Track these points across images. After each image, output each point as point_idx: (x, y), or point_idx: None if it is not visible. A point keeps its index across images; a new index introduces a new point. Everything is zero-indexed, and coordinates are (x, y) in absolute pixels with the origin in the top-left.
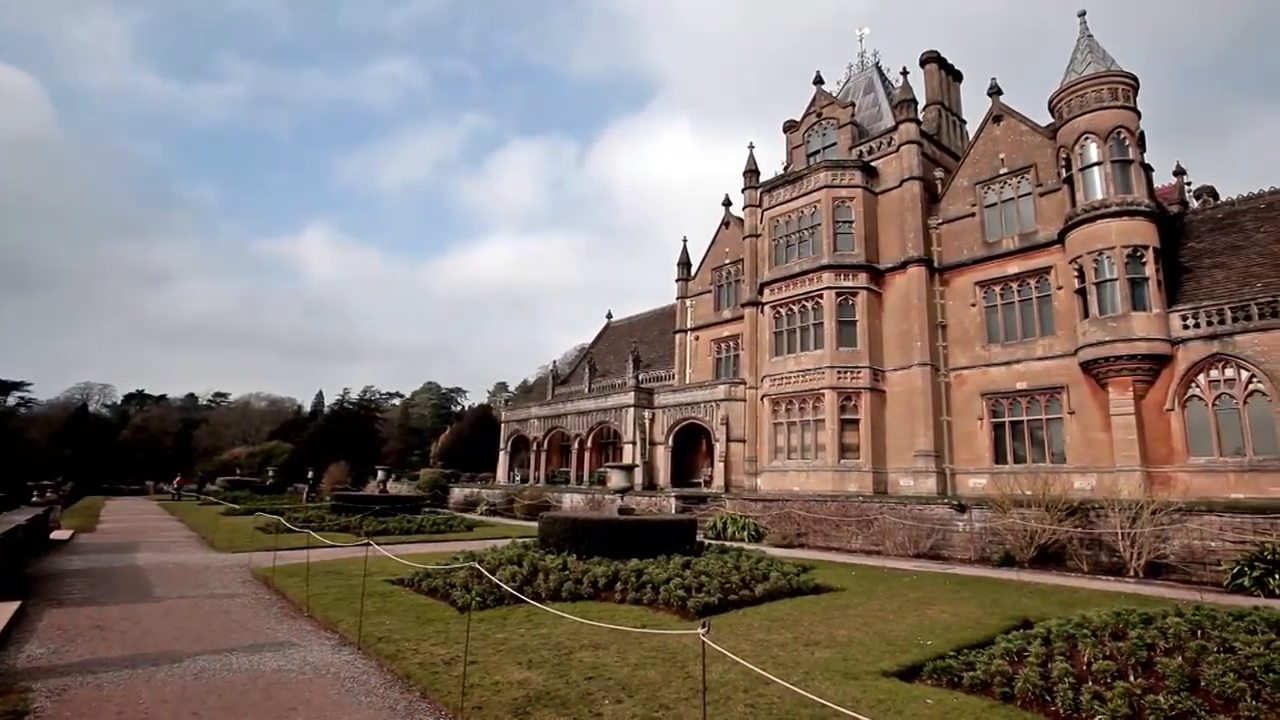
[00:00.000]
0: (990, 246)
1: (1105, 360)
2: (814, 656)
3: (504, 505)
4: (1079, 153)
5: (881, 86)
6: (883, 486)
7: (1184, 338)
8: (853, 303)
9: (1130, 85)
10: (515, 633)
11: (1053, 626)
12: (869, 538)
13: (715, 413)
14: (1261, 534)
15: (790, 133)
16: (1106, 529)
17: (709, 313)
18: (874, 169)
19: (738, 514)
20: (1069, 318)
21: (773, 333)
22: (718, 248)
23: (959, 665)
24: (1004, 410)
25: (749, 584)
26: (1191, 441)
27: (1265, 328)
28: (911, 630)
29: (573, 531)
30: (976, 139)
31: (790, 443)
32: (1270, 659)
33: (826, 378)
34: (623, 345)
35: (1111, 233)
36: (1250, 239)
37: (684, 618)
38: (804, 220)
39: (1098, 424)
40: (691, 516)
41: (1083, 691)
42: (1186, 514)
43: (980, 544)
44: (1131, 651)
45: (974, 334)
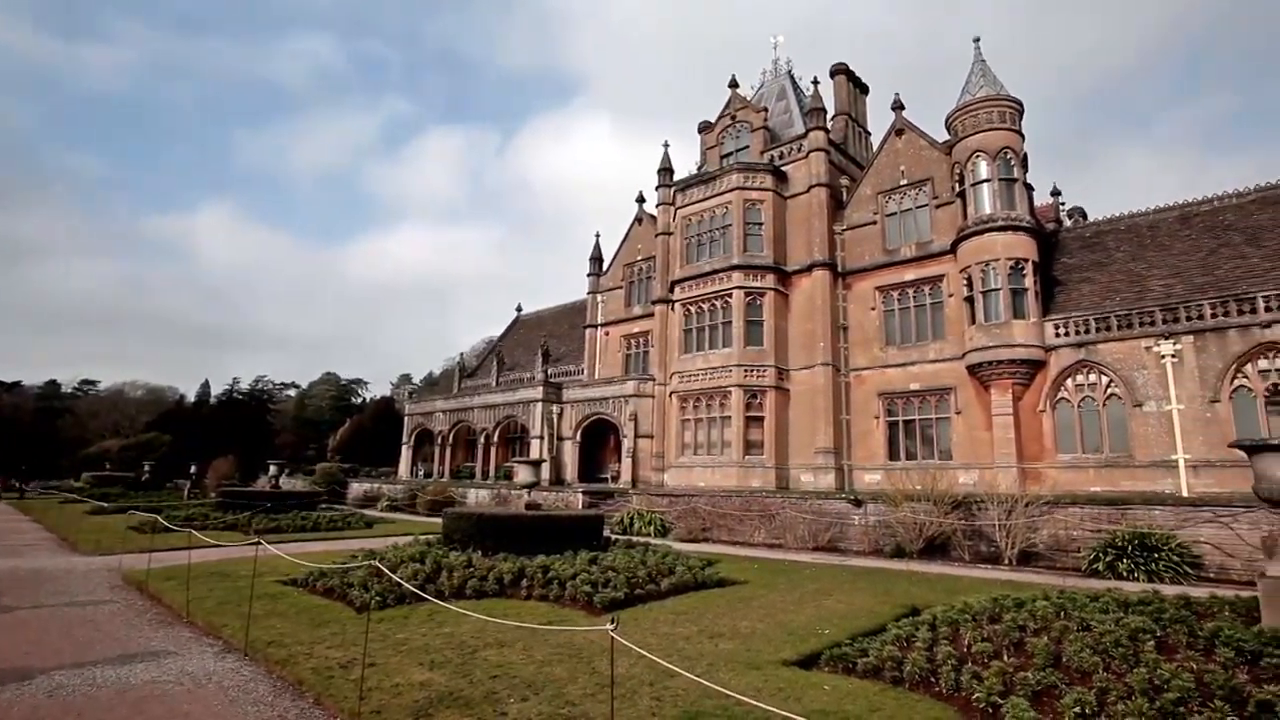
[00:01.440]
0: (890, 253)
1: (989, 364)
2: (718, 648)
3: (406, 501)
4: (971, 169)
5: (794, 94)
6: (785, 482)
7: (1056, 345)
8: (760, 303)
9: (1016, 109)
10: (417, 632)
11: (938, 613)
12: (771, 532)
13: (624, 408)
14: (1114, 523)
15: (705, 133)
16: (986, 521)
17: (620, 309)
18: (784, 173)
19: (645, 509)
20: (958, 323)
21: (682, 330)
22: (630, 244)
23: (854, 652)
24: (898, 409)
25: (655, 579)
26: (1059, 440)
27: (1122, 337)
28: (810, 620)
29: (478, 527)
30: (880, 150)
31: (697, 439)
32: (1119, 635)
33: (734, 376)
34: (532, 339)
35: (997, 246)
36: (1112, 257)
37: (591, 613)
38: (716, 220)
39: (981, 423)
40: (599, 512)
41: (963, 672)
42: (1053, 506)
43: (874, 536)
44: (1006, 633)
45: (873, 336)
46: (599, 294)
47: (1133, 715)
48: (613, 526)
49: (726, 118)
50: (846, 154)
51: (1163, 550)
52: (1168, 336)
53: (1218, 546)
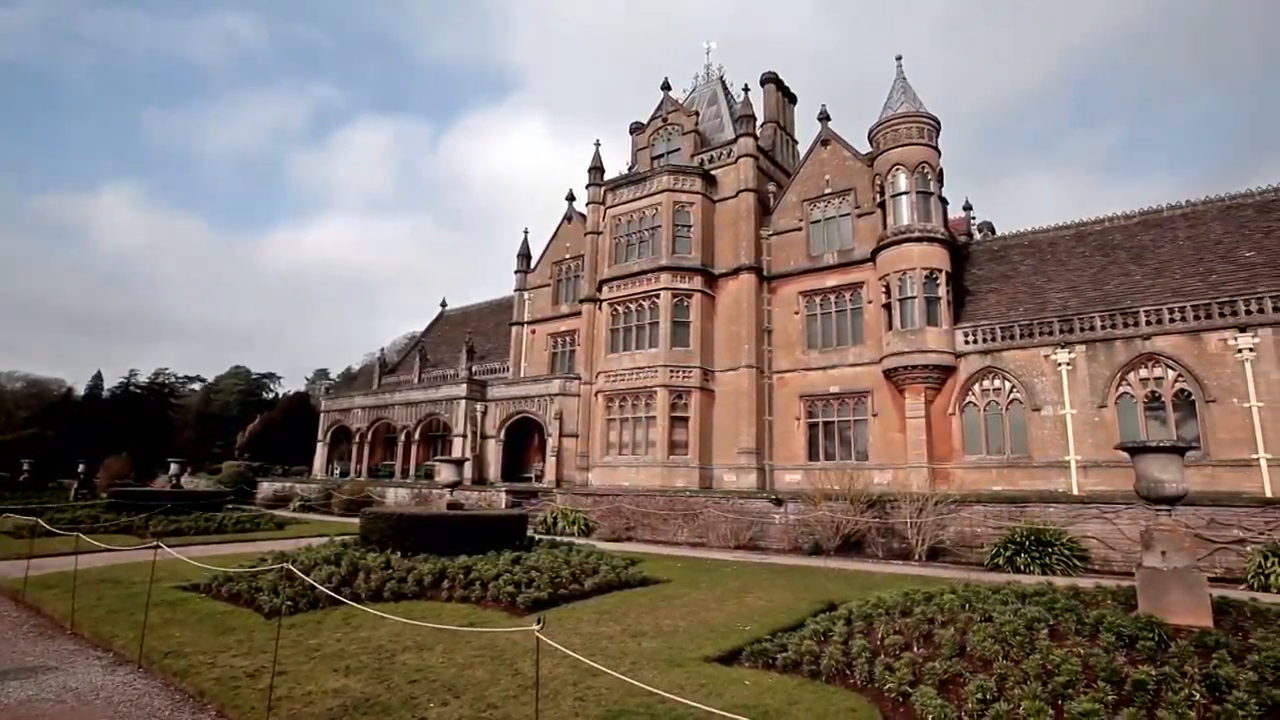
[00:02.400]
0: (814, 259)
1: (904, 369)
2: (641, 646)
3: (321, 501)
4: (891, 181)
5: (724, 100)
6: (708, 482)
7: (965, 351)
8: (688, 304)
9: (933, 126)
10: (331, 637)
11: (853, 608)
12: (694, 531)
13: (549, 407)
14: (1013, 520)
15: (636, 134)
16: (899, 519)
17: (547, 306)
18: (713, 177)
19: (569, 508)
20: (877, 329)
21: (610, 329)
22: (559, 242)
23: (774, 648)
24: (819, 411)
25: (579, 578)
26: (966, 441)
27: (1024, 346)
28: (732, 617)
29: (397, 527)
30: (806, 159)
31: (622, 438)
32: (1017, 625)
33: (660, 376)
34: (457, 335)
35: (914, 256)
36: (1016, 270)
37: (513, 614)
38: (645, 221)
39: (895, 425)
40: (523, 511)
41: (877, 664)
42: (960, 505)
43: (794, 535)
44: (916, 626)
45: (796, 340)
46: (526, 291)
47: (1028, 699)
48: (536, 526)
49: (658, 120)
50: (774, 161)
51: (1056, 545)
52: (1063, 346)
53: (1103, 540)
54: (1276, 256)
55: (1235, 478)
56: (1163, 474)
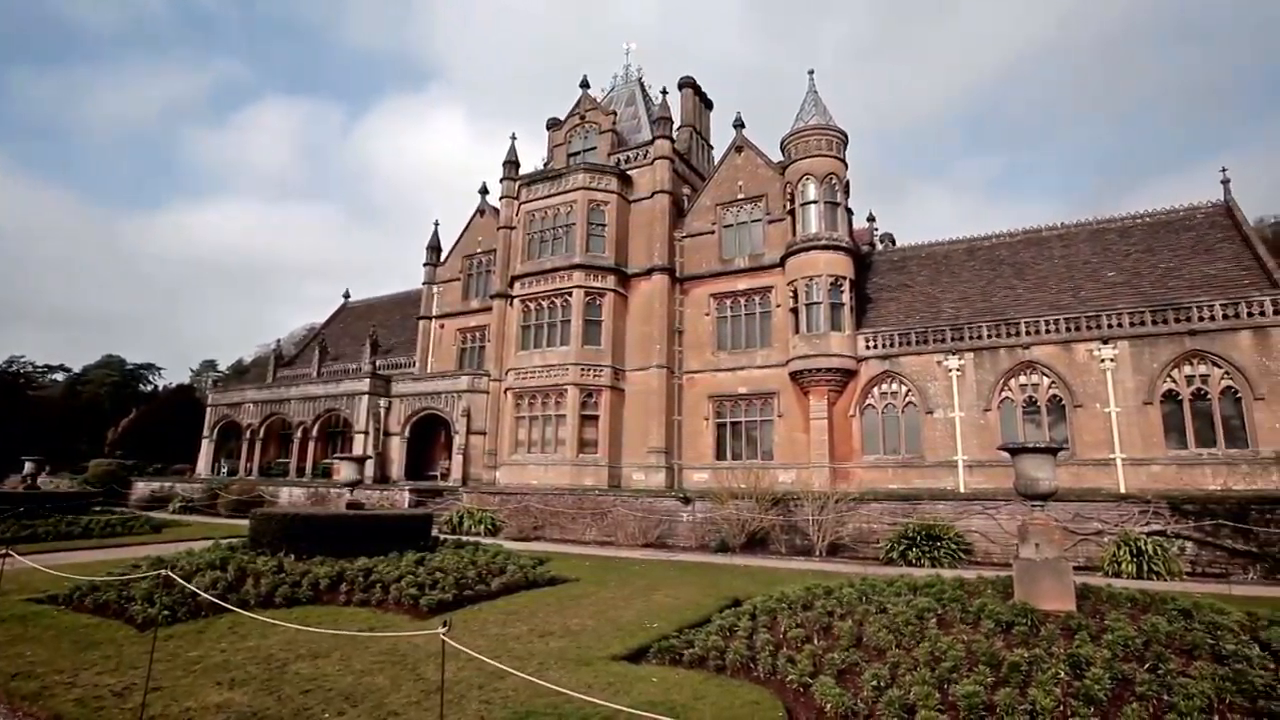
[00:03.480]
0: (725, 263)
1: (809, 371)
2: (549, 646)
3: (205, 501)
4: (801, 190)
5: (643, 101)
6: (617, 480)
7: (866, 356)
8: (600, 303)
9: (842, 139)
10: (215, 648)
11: (758, 603)
12: (603, 529)
13: (457, 404)
14: (906, 517)
15: (553, 130)
16: (801, 517)
17: (457, 301)
18: (629, 177)
19: (475, 507)
20: (784, 332)
21: (521, 326)
22: (470, 235)
23: (681, 644)
24: (727, 412)
25: (485, 579)
26: (865, 442)
27: (919, 352)
28: (640, 615)
29: (291, 529)
30: (721, 164)
31: (531, 436)
32: (909, 615)
33: (570, 374)
34: (360, 328)
35: (820, 263)
36: (914, 280)
37: (417, 617)
38: (560, 218)
39: (800, 426)
40: (427, 511)
41: (779, 656)
42: (858, 502)
43: (701, 533)
44: (817, 619)
45: (706, 341)
46: (435, 285)
47: (918, 684)
48: (441, 526)
49: (576, 117)
50: (690, 164)
51: (944, 540)
52: (954, 353)
53: (985, 535)
54: (1133, 277)
55: (1096, 475)
56: (1038, 473)
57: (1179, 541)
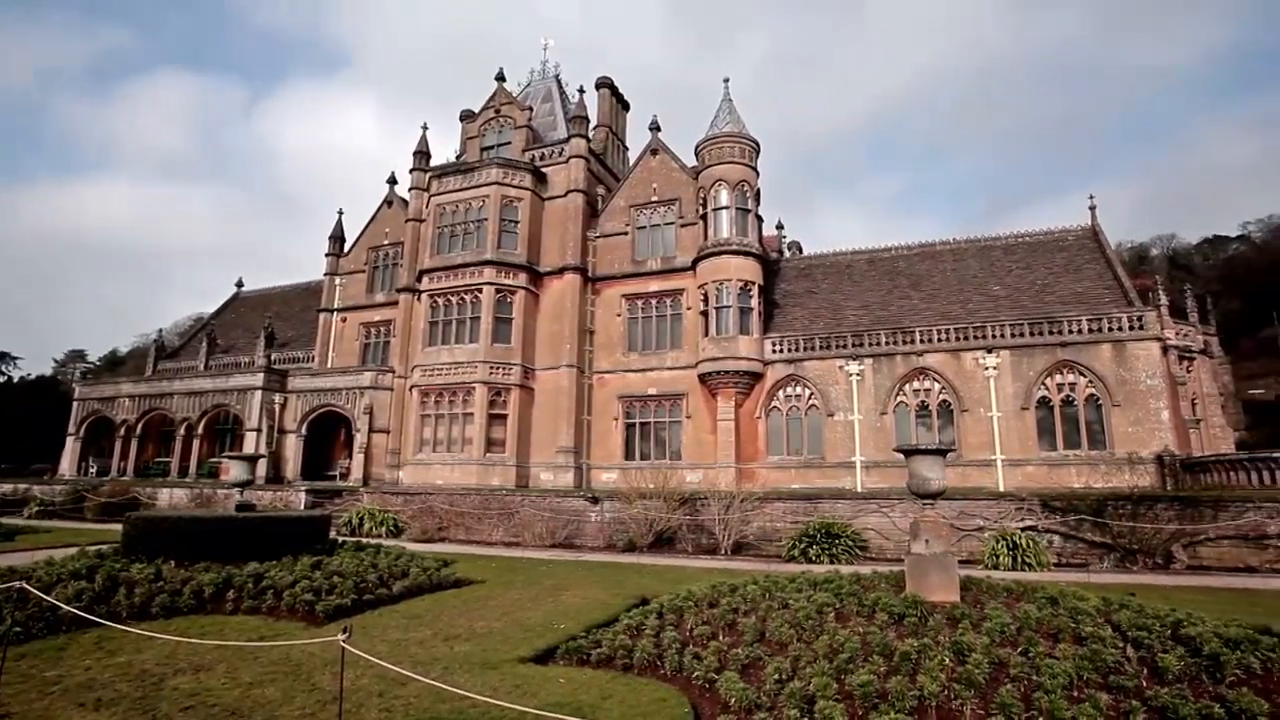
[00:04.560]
0: (638, 264)
1: (718, 374)
2: (454, 651)
3: (69, 505)
4: (713, 196)
5: (559, 98)
6: (525, 480)
7: (772, 360)
8: (511, 301)
9: (754, 148)
10: (78, 666)
11: (665, 602)
12: (510, 530)
13: (359, 401)
14: (808, 515)
15: (467, 122)
16: (708, 516)
17: (360, 294)
18: (544, 175)
19: (377, 508)
20: (694, 335)
21: (428, 322)
22: (377, 226)
23: (588, 644)
24: (636, 412)
25: (387, 582)
26: (770, 443)
27: (822, 357)
28: (547, 616)
29: (172, 533)
30: (636, 166)
31: (437, 435)
32: (810, 610)
33: (479, 372)
34: (254, 319)
35: (731, 267)
36: (819, 287)
37: (313, 624)
38: (471, 213)
39: (708, 427)
40: (325, 512)
41: (685, 654)
42: (763, 502)
43: (609, 532)
44: (722, 616)
45: (617, 341)
46: (338, 276)
47: (817, 675)
48: (340, 528)
49: (490, 110)
50: (605, 164)
51: (842, 537)
52: (855, 359)
53: (880, 532)
54: (1015, 291)
55: (980, 475)
56: (929, 473)
57: (1048, 535)
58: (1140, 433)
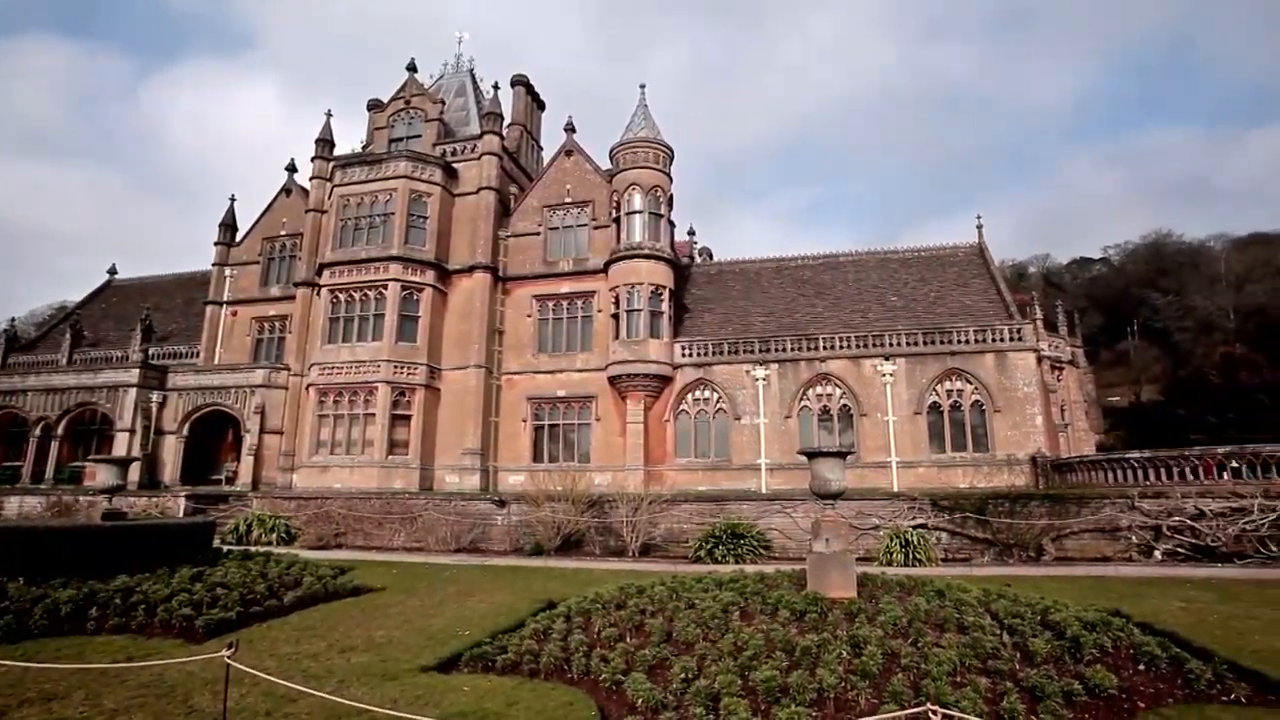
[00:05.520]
0: (550, 265)
1: (628, 377)
2: (351, 662)
3: None
4: (627, 199)
5: (473, 93)
6: (429, 483)
7: (682, 363)
8: (418, 298)
9: (668, 154)
10: None
11: (572, 605)
12: (412, 534)
13: (249, 400)
14: (714, 517)
15: (375, 112)
16: (616, 518)
17: (254, 286)
18: (455, 170)
19: (268, 514)
20: (604, 337)
21: (328, 318)
22: (274, 216)
23: (494, 650)
24: (545, 414)
25: (277, 592)
26: (678, 445)
27: (730, 361)
28: (451, 622)
29: (22, 546)
30: (550, 166)
31: (336, 437)
32: (715, 609)
33: (382, 371)
34: (130, 311)
35: (642, 271)
36: (729, 293)
37: (192, 640)
38: (378, 206)
39: (617, 429)
40: (208, 519)
41: (593, 656)
42: (670, 504)
43: (516, 536)
44: (630, 618)
45: (527, 342)
46: (229, 267)
47: (723, 673)
48: (225, 536)
49: (400, 101)
50: (518, 163)
51: (747, 538)
52: (761, 364)
53: (783, 532)
54: (911, 302)
55: (876, 476)
56: (830, 474)
57: (937, 533)
58: (1018, 436)
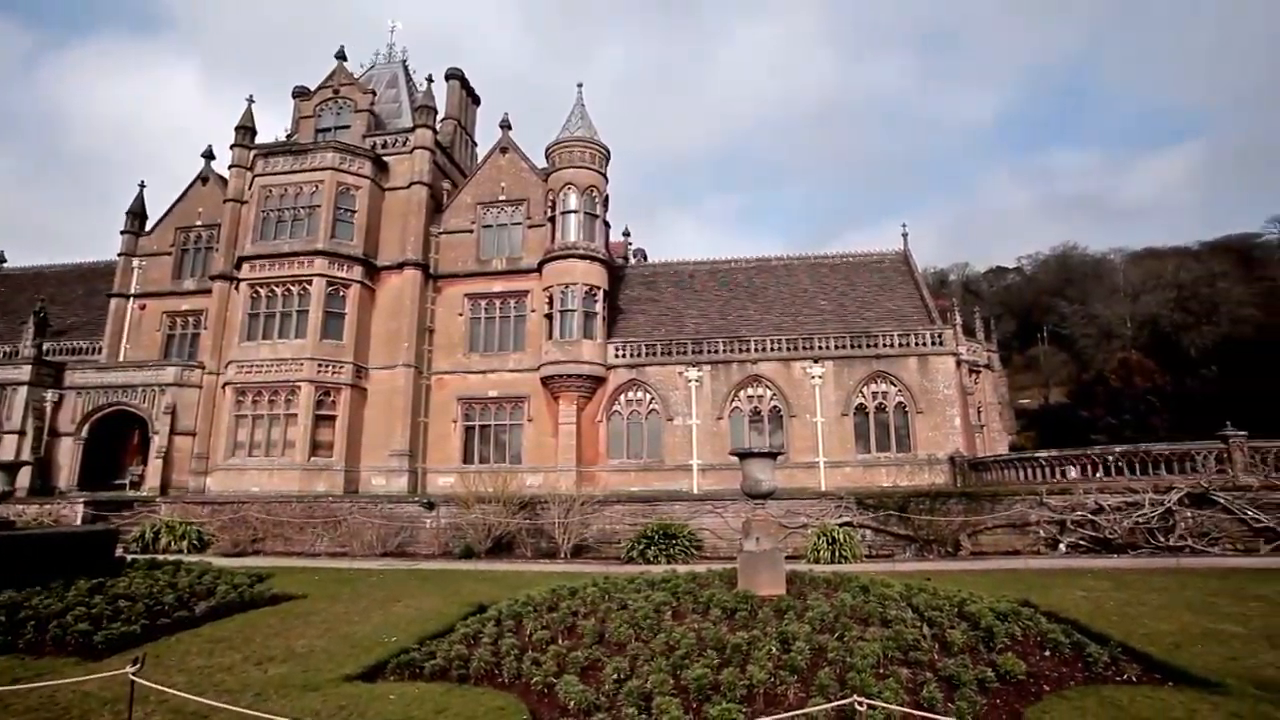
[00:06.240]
0: (483, 263)
1: (561, 377)
2: (268, 674)
3: None
4: (562, 199)
5: (405, 85)
6: (355, 486)
7: (615, 364)
8: (344, 295)
9: (604, 154)
10: None
11: (503, 608)
12: (336, 539)
13: (159, 399)
14: (646, 517)
15: (301, 100)
16: (548, 520)
17: (165, 279)
18: (386, 164)
19: (178, 520)
20: (537, 337)
21: (248, 314)
22: (189, 205)
23: (422, 656)
24: (476, 414)
25: (188, 603)
26: (611, 446)
27: (663, 363)
28: (377, 629)
29: None
30: (484, 163)
31: (254, 438)
32: (647, 609)
33: (306, 370)
34: (20, 302)
35: (577, 271)
36: (662, 295)
37: (89, 658)
38: (303, 198)
39: (549, 430)
40: (109, 527)
41: (524, 660)
42: (603, 505)
43: (446, 539)
44: (562, 620)
45: (458, 341)
46: (137, 257)
47: (655, 673)
48: (130, 544)
49: (329, 90)
50: (452, 159)
51: (679, 538)
52: (694, 365)
53: (714, 532)
54: (839, 307)
55: (805, 476)
56: (760, 474)
57: (862, 530)
58: (938, 436)
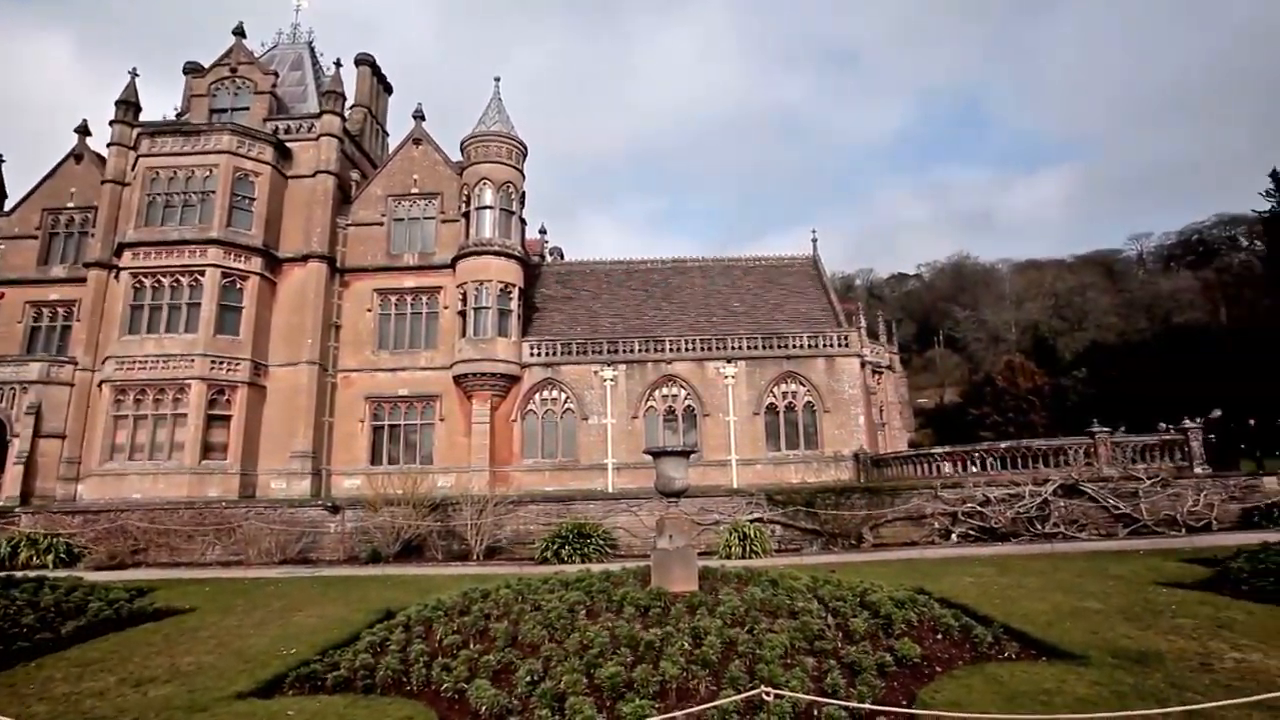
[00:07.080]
0: (393, 258)
1: (474, 375)
2: (148, 696)
3: None
4: (477, 194)
5: (312, 68)
6: (252, 490)
7: (530, 363)
8: (241, 287)
9: (521, 150)
10: None
11: (412, 613)
12: (229, 548)
13: (20, 398)
14: (561, 517)
15: (194, 77)
16: (460, 521)
17: (29, 264)
18: (289, 150)
19: (41, 532)
20: (450, 335)
21: (130, 305)
22: (59, 183)
23: (324, 668)
24: (385, 414)
25: (51, 623)
26: (525, 446)
27: (578, 362)
28: (274, 642)
29: None
30: (396, 154)
31: (136, 440)
32: (561, 609)
33: (197, 366)
34: None
35: (492, 268)
36: (579, 294)
37: None
38: (194, 183)
39: (461, 430)
40: None
41: (434, 666)
42: (517, 505)
43: (351, 543)
44: (474, 623)
45: (367, 338)
46: None
47: (569, 673)
48: None
49: (225, 68)
50: (361, 148)
51: (594, 537)
52: (610, 364)
53: (629, 530)
54: (752, 308)
55: (718, 474)
56: (674, 473)
57: (772, 526)
58: (843, 434)
